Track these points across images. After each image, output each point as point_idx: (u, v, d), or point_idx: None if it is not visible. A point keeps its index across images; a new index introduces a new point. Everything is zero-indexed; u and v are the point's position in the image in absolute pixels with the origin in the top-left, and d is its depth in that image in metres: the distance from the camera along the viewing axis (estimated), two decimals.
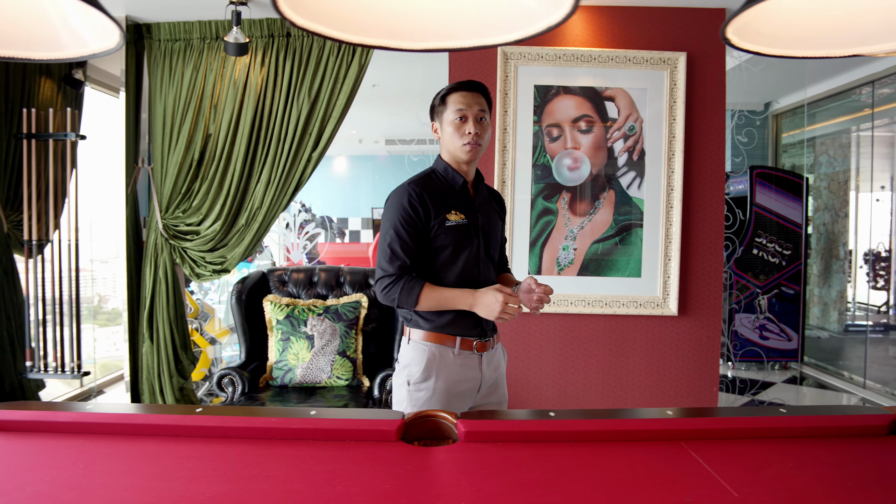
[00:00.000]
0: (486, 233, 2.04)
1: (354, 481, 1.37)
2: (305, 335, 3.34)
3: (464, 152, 1.94)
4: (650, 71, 3.50)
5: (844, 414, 1.66)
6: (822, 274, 6.16)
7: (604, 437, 1.59)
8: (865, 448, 1.53)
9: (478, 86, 1.97)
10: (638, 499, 1.27)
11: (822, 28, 1.06)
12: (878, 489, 1.31)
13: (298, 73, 3.67)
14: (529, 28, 0.92)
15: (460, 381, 1.97)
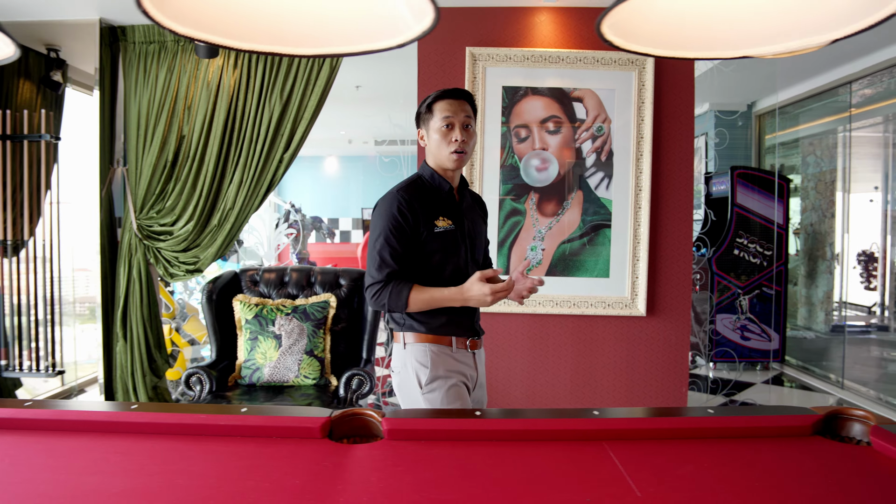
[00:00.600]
0: (471, 237, 2.08)
1: (269, 477, 1.39)
2: (273, 334, 3.36)
3: (451, 161, 1.96)
4: (618, 72, 3.51)
5: (773, 415, 1.67)
6: (809, 274, 6.15)
7: (527, 437, 1.61)
8: (785, 448, 1.54)
9: (464, 93, 1.99)
10: (536, 497, 1.28)
11: (705, 29, 1.07)
12: (787, 488, 1.32)
13: (270, 76, 3.70)
14: (397, 38, 0.94)
15: (464, 378, 2.02)
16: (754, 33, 1.11)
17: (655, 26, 1.05)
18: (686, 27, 1.08)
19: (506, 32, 3.55)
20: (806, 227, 6.23)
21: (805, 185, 6.32)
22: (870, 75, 4.67)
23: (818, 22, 1.05)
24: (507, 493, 1.30)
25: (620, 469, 1.41)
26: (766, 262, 5.43)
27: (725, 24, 1.07)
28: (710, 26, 1.08)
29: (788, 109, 5.87)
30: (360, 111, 5.93)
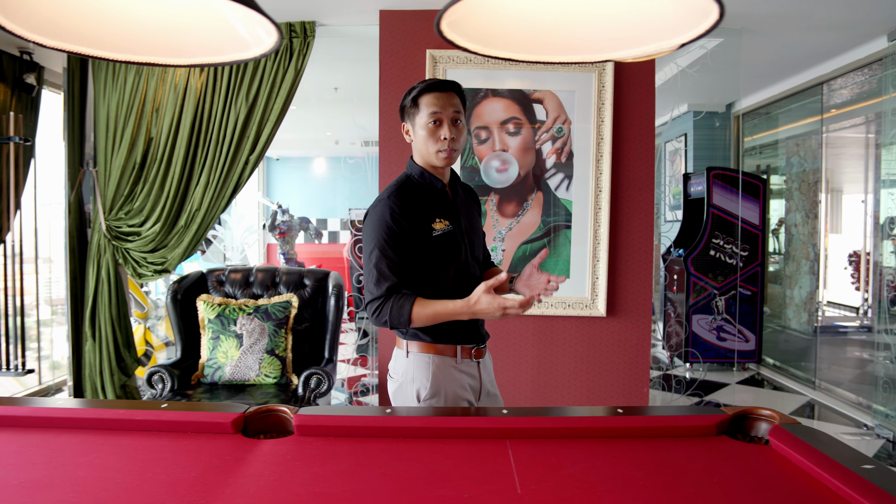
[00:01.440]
0: (470, 235, 1.98)
1: (167, 469, 1.43)
2: (235, 334, 3.41)
3: (439, 159, 1.84)
4: (578, 73, 3.53)
5: (680, 414, 1.69)
6: (793, 275, 6.15)
7: (432, 434, 1.64)
8: (683, 448, 1.56)
9: (452, 85, 1.85)
10: (419, 492, 1.31)
11: (536, 33, 1.10)
12: (672, 487, 1.33)
13: (236, 78, 3.74)
14: (248, 53, 0.98)
15: (464, 389, 1.94)
16: (583, 39, 1.14)
17: (495, 27, 1.08)
18: (535, 29, 1.11)
19: None
20: (790, 227, 6.22)
21: (789, 185, 6.32)
22: (842, 75, 4.67)
23: (659, 29, 1.08)
24: (392, 488, 1.33)
25: (512, 467, 1.44)
26: (742, 262, 5.43)
27: (571, 28, 1.10)
28: (557, 29, 1.11)
29: (768, 110, 5.87)
30: (345, 112, 5.98)
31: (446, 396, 1.91)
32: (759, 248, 5.47)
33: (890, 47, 3.93)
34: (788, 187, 6.22)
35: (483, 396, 2.02)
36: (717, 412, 1.68)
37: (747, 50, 4.36)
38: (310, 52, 3.75)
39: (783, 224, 6.19)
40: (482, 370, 2.00)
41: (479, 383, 1.99)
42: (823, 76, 4.78)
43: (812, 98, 5.17)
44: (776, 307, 6.13)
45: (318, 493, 1.31)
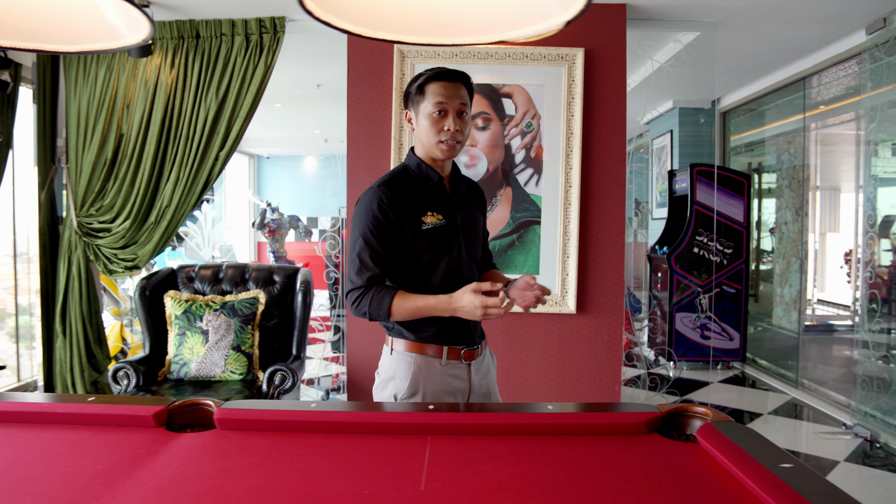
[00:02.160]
0: (466, 232, 1.89)
1: (76, 463, 1.41)
2: (201, 330, 3.39)
3: (440, 150, 1.76)
4: (548, 67, 3.50)
5: (612, 412, 1.66)
6: (784, 273, 6.09)
7: (353, 429, 1.61)
8: (610, 445, 1.52)
9: (460, 76, 1.77)
10: (317, 488, 1.29)
11: (422, 14, 1.07)
12: (586, 485, 1.30)
13: (206, 74, 3.73)
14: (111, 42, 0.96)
15: (449, 393, 1.87)
16: (461, 21, 1.11)
17: (378, 7, 1.05)
18: (422, 11, 1.08)
19: None
20: (780, 225, 6.17)
21: (779, 183, 6.26)
22: (824, 70, 4.61)
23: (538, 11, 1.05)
24: (294, 483, 1.31)
25: (425, 463, 1.41)
26: (726, 260, 5.38)
27: (458, 9, 1.07)
28: (444, 10, 1.08)
29: (753, 106, 5.81)
30: (330, 109, 5.96)
31: (425, 397, 1.84)
32: (744, 245, 5.41)
33: (868, 41, 3.88)
34: (779, 185, 6.17)
35: (473, 398, 1.93)
36: (651, 409, 1.65)
37: (726, 44, 4.32)
38: (279, 48, 3.73)
39: (773, 223, 6.13)
40: (473, 372, 1.91)
41: (469, 386, 1.90)
42: (805, 71, 4.73)
43: (795, 94, 5.11)
44: (766, 305, 6.08)
45: (216, 487, 1.29)
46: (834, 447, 3.72)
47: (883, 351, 4.26)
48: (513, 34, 1.10)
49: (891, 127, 4.08)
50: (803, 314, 5.99)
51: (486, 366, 1.98)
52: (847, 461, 3.49)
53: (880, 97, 3.92)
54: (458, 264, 1.85)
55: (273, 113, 6.81)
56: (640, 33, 3.81)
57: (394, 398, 1.87)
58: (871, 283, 4.14)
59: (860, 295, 4.57)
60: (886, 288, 4.30)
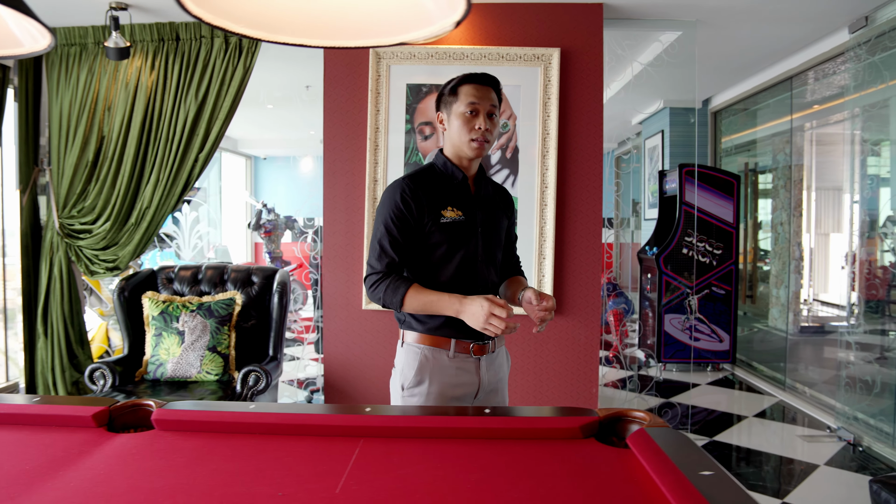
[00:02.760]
0: (486, 231, 1.92)
1: (5, 463, 1.42)
2: (177, 331, 3.41)
3: (470, 148, 1.83)
4: (524, 68, 3.49)
5: (549, 416, 1.64)
6: (779, 274, 6.04)
7: (287, 431, 1.61)
8: (540, 450, 1.50)
9: (492, 80, 1.87)
10: (232, 490, 1.29)
11: (306, 14, 1.07)
12: (505, 490, 1.29)
13: (186, 76, 3.75)
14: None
15: (456, 386, 1.88)
16: (338, 24, 1.11)
17: (257, 5, 1.05)
18: (305, 11, 1.07)
19: None
20: (776, 226, 6.12)
21: (775, 183, 6.21)
22: (810, 69, 4.57)
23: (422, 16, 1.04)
24: (211, 484, 1.31)
25: (348, 466, 1.41)
26: (715, 261, 5.34)
27: (341, 11, 1.07)
28: (326, 11, 1.07)
29: (744, 106, 5.77)
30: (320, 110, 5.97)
31: (430, 389, 1.88)
32: (734, 246, 5.37)
33: (851, 40, 3.84)
34: (774, 185, 6.12)
35: (481, 394, 1.95)
36: (589, 415, 1.63)
37: (710, 44, 4.29)
38: (258, 50, 3.74)
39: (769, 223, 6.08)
40: (484, 368, 1.92)
41: (478, 381, 1.91)
42: (790, 71, 4.68)
43: (784, 94, 5.07)
44: (763, 306, 6.03)
45: (134, 487, 1.30)
46: (816, 450, 3.68)
47: (876, 353, 4.22)
48: (404, 37, 1.09)
49: (875, 127, 4.04)
50: (798, 315, 5.94)
51: (500, 363, 1.99)
52: (827, 465, 3.46)
53: (864, 99, 3.88)
54: (473, 262, 1.89)
55: (267, 114, 6.85)
56: (620, 33, 3.79)
57: (401, 388, 1.91)
58: (869, 282, 4.08)
59: (851, 295, 4.53)
60: (870, 288, 4.25)
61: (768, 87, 5.11)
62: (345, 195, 3.61)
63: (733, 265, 5.36)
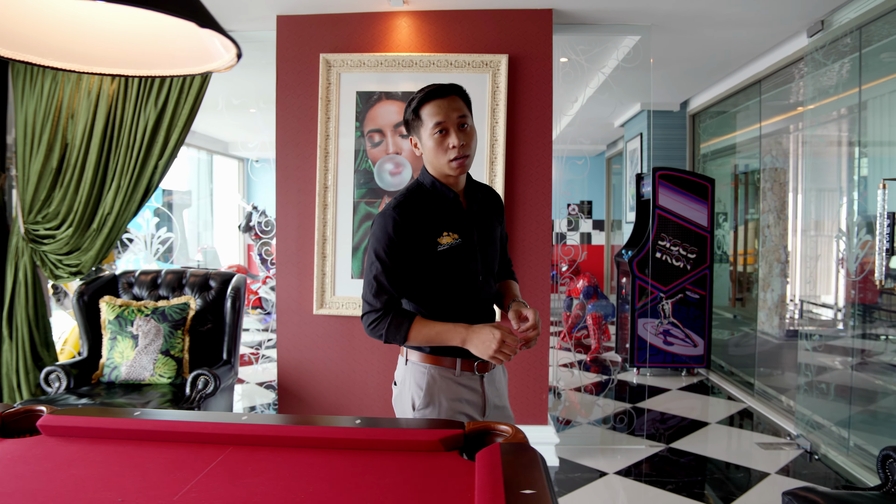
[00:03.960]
0: (484, 248, 1.86)
1: None
2: (131, 335, 3.48)
3: (451, 169, 1.74)
4: (472, 74, 3.51)
5: (415, 428, 1.65)
6: (766, 277, 5.98)
7: (162, 438, 1.65)
8: (395, 462, 1.52)
9: (453, 88, 1.75)
10: (81, 495, 1.33)
11: (75, 38, 1.10)
12: (339, 501, 1.32)
13: (146, 84, 3.82)
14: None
15: (464, 404, 1.85)
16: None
17: (26, 27, 1.09)
18: (74, 34, 1.11)
19: (360, 38, 3.59)
20: (763, 228, 6.06)
21: (763, 185, 6.15)
22: (774, 74, 4.53)
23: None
24: (58, 489, 1.36)
25: (201, 474, 1.44)
26: (689, 265, 5.31)
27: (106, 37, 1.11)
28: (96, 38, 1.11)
29: (722, 108, 5.72)
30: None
31: (440, 407, 1.83)
32: (708, 250, 5.33)
33: (810, 45, 3.80)
34: (762, 187, 6.06)
35: (488, 411, 1.90)
36: (456, 427, 1.64)
37: (676, 47, 4.27)
38: None
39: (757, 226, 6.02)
40: (486, 384, 1.88)
41: (483, 398, 1.88)
42: (757, 75, 4.64)
43: (753, 99, 5.02)
44: (752, 310, 5.97)
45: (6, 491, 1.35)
46: (772, 458, 3.65)
47: (857, 358, 4.16)
48: (188, 70, 1.14)
49: (857, 129, 3.97)
50: (784, 319, 5.88)
51: (499, 379, 1.95)
52: (779, 473, 3.43)
53: (841, 102, 3.83)
54: (474, 281, 1.84)
55: (255, 118, 6.92)
56: (574, 38, 3.79)
57: (412, 407, 1.87)
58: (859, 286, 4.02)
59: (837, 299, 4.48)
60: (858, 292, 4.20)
61: (738, 91, 5.07)
62: (297, 200, 3.65)
63: (708, 269, 5.32)
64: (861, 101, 3.61)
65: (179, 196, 7.32)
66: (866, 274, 3.50)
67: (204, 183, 8.23)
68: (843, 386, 3.85)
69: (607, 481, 3.32)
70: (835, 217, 4.29)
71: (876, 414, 3.74)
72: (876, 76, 3.55)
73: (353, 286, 3.59)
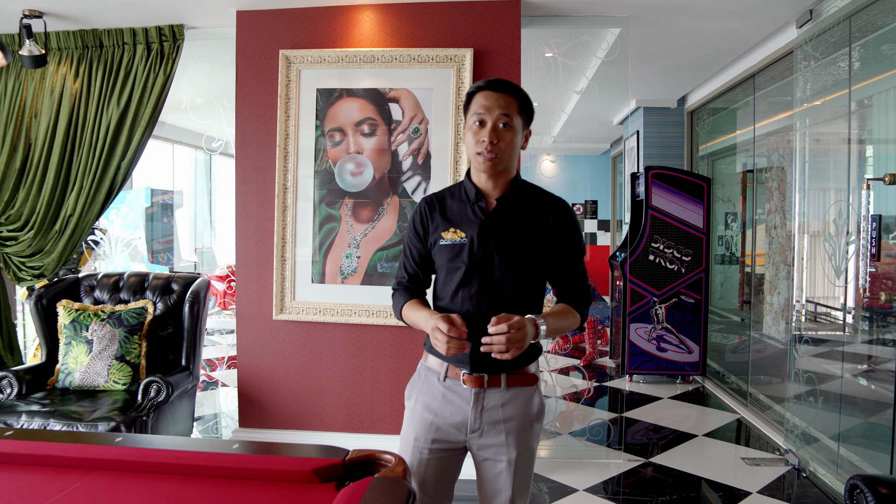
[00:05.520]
0: (502, 254, 1.69)
1: None
2: (86, 339, 3.39)
3: (478, 163, 1.70)
4: (436, 70, 3.35)
5: (294, 456, 1.51)
6: (773, 280, 5.73)
7: (27, 461, 1.54)
8: (262, 493, 1.38)
9: (506, 86, 1.70)
10: None
11: None
12: None
13: (109, 83, 3.74)
14: None
15: (440, 411, 1.74)
16: None
17: None
18: None
19: (321, 33, 3.45)
20: (770, 230, 5.80)
21: (769, 185, 5.89)
22: (767, 68, 4.28)
23: None
24: None
25: (48, 500, 1.32)
26: (684, 268, 5.07)
27: None
28: None
29: (720, 105, 5.47)
30: None
31: (414, 407, 1.81)
32: (704, 253, 5.09)
33: (800, 37, 3.56)
34: (769, 187, 5.80)
35: (480, 435, 1.71)
36: (334, 456, 1.49)
37: (660, 41, 4.06)
38: (179, 56, 3.70)
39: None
40: (483, 404, 1.70)
41: (470, 416, 1.70)
42: (752, 69, 4.39)
43: (750, 95, 4.77)
44: (759, 313, 5.72)
45: None
46: (756, 475, 3.43)
47: (863, 365, 3.91)
48: None
49: (863, 126, 3.72)
50: (790, 323, 5.61)
51: (515, 409, 1.71)
52: (760, 493, 3.21)
53: (814, 107, 3.59)
54: (472, 285, 1.71)
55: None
56: (546, 31, 3.60)
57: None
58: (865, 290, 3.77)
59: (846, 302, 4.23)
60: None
61: (735, 84, 4.82)
62: (257, 202, 3.53)
63: (703, 272, 5.08)
64: (852, 97, 3.37)
65: (171, 196, 7.26)
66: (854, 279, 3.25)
67: (202, 182, 8.19)
68: (833, 395, 3.60)
69: (575, 499, 3.13)
70: (828, 218, 4.05)
71: (872, 427, 3.50)
72: (873, 71, 3.30)
73: (314, 291, 3.46)
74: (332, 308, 3.42)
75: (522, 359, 1.71)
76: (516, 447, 1.71)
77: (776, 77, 4.41)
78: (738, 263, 6.28)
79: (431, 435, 1.75)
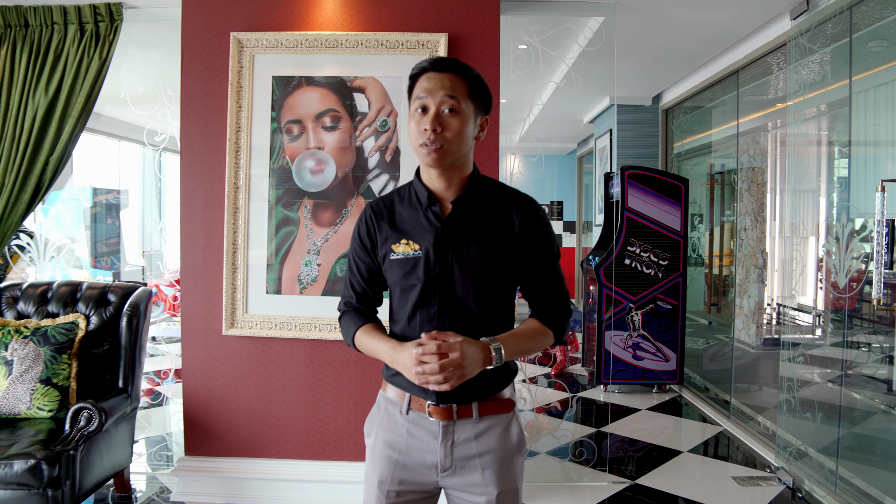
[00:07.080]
0: (463, 268, 1.46)
1: None
2: (4, 360, 2.96)
3: (421, 156, 1.45)
4: (407, 56, 3.03)
5: None
6: (742, 283, 5.59)
7: None
8: None
9: (452, 64, 1.45)
10: None
11: None
12: None
13: (36, 67, 3.31)
14: None
15: (404, 449, 1.50)
16: None
17: None
18: None
19: (278, 14, 3.10)
20: (740, 231, 5.67)
21: (740, 186, 5.77)
22: (753, 63, 4.10)
23: None
24: None
25: None
26: (661, 273, 4.88)
27: None
28: None
29: (697, 103, 5.30)
30: None
31: (375, 445, 1.56)
32: (681, 256, 4.90)
33: (793, 28, 3.37)
34: (739, 188, 5.67)
35: (453, 474, 1.48)
36: None
37: (644, 32, 3.84)
38: (117, 38, 3.30)
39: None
40: (454, 438, 1.47)
41: (440, 452, 1.46)
42: (735, 64, 4.21)
43: (731, 92, 4.60)
44: (727, 316, 5.58)
45: None
46: (749, 497, 3.22)
47: (837, 369, 3.75)
48: None
49: (839, 128, 3.56)
50: (761, 327, 5.49)
51: (491, 441, 1.48)
52: None
53: (804, 104, 3.41)
54: (431, 305, 1.47)
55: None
56: (527, 19, 3.33)
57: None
58: (837, 292, 3.60)
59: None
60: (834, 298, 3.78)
61: (714, 82, 4.64)
62: (204, 204, 3.15)
63: (681, 277, 4.89)
64: (851, 94, 3.19)
65: (116, 196, 6.72)
66: (860, 289, 3.07)
67: (149, 181, 7.66)
68: (829, 406, 3.42)
69: None
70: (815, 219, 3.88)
71: (874, 440, 3.33)
72: (868, 65, 3.13)
73: (269, 303, 3.10)
74: (289, 322, 3.07)
75: (495, 383, 1.50)
76: (496, 484, 1.48)
77: (758, 74, 4.24)
78: (704, 265, 6.16)
79: (398, 475, 1.50)
